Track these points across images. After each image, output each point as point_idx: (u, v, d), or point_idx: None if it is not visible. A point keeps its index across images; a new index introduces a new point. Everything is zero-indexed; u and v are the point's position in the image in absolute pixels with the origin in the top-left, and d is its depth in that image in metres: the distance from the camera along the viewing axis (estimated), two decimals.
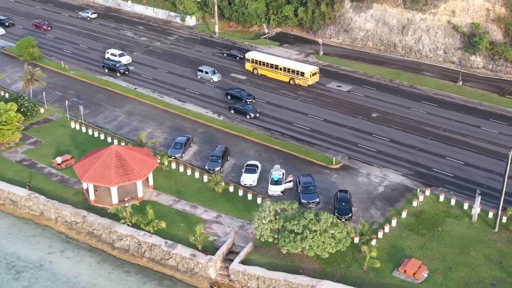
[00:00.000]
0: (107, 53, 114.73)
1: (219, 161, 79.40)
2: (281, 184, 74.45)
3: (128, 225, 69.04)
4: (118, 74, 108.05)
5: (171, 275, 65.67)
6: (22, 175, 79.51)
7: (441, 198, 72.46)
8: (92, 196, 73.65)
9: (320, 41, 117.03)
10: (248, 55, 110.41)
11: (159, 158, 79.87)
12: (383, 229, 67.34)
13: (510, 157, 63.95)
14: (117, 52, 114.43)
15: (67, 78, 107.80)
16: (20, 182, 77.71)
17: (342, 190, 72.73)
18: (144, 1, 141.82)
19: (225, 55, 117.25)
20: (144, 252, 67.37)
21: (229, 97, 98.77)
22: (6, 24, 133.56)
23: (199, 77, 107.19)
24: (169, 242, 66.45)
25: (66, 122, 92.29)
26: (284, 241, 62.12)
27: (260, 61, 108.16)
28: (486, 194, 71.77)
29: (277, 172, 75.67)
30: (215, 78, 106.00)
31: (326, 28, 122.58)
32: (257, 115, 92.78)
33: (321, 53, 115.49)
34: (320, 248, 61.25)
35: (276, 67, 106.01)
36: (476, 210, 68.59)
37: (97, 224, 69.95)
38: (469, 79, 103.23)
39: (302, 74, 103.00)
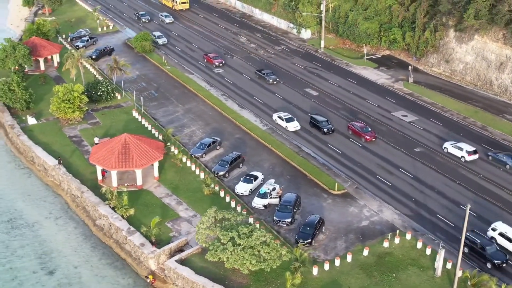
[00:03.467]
0: None
1: (226, 166, 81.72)
2: (266, 198, 74.77)
3: (110, 207, 75.01)
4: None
5: (124, 259, 70.39)
6: (65, 149, 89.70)
7: (419, 245, 67.20)
8: (99, 176, 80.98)
9: (410, 67, 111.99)
10: None
11: (176, 153, 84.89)
12: (333, 262, 64.76)
13: (467, 213, 57.69)
14: None
15: (160, 72, 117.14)
16: (60, 154, 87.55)
17: (314, 215, 70.98)
18: (273, 11, 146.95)
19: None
20: (112, 233, 72.84)
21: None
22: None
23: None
24: (131, 228, 71.06)
25: (132, 110, 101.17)
26: (209, 248, 63.26)
27: None
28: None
29: (266, 185, 76.13)
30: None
31: (429, 56, 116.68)
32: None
33: (410, 80, 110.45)
34: (238, 263, 61.28)
35: None
36: (440, 264, 62.70)
37: (88, 201, 77.00)
38: None
39: (176, 1, 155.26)
